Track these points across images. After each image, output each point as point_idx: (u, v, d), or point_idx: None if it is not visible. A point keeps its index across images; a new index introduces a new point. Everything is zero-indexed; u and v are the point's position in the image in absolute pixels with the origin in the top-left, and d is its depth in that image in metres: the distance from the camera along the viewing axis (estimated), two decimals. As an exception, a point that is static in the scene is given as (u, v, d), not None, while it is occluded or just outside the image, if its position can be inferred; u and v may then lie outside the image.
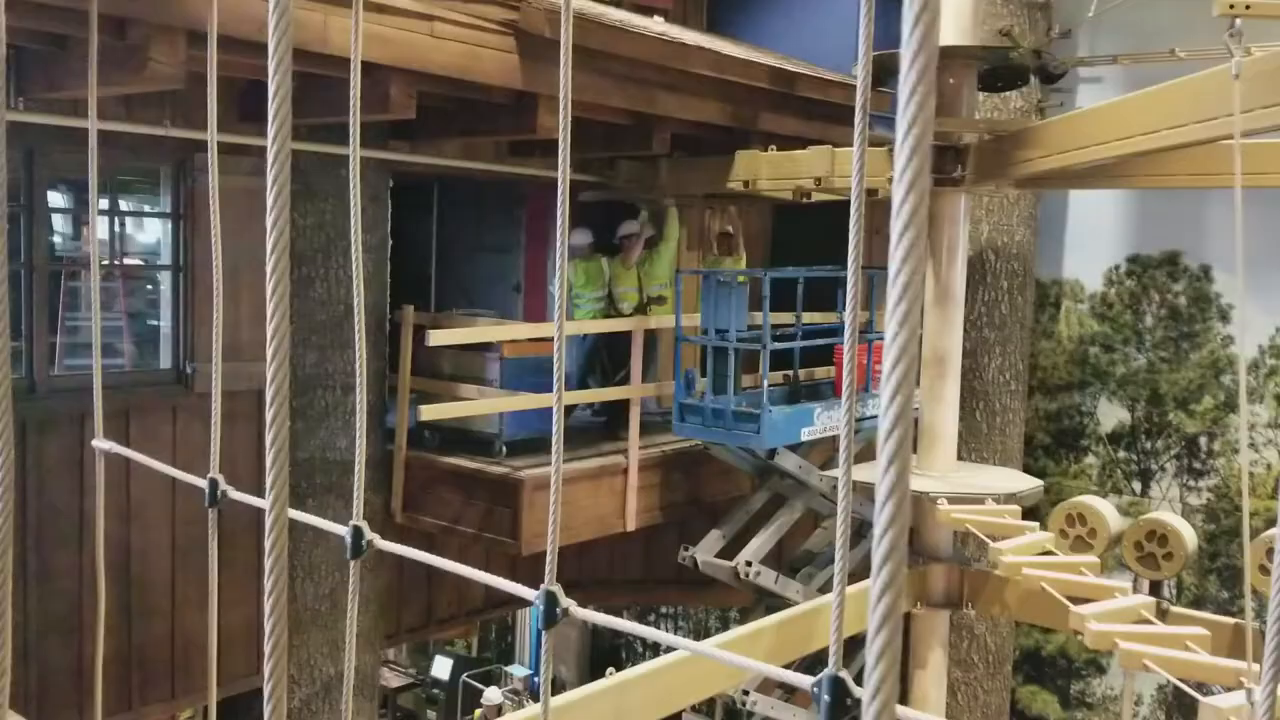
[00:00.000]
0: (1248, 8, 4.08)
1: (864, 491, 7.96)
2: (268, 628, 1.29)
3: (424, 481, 7.67)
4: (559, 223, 1.70)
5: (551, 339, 8.30)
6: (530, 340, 7.88)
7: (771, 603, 7.97)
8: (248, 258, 5.71)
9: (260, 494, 1.63)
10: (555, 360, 1.77)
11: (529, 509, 7.14)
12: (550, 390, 6.24)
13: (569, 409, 8.51)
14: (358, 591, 1.95)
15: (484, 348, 7.72)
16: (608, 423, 8.66)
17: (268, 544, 1.34)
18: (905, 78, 0.98)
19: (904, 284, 0.92)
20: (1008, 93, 8.87)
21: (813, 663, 9.06)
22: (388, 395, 7.81)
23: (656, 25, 8.20)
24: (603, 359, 9.10)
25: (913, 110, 0.93)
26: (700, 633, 12.02)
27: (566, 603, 1.73)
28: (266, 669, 1.31)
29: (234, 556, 6.41)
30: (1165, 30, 8.33)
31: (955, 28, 7.52)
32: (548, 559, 1.68)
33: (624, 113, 7.77)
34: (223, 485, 2.19)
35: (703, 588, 9.12)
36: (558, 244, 1.68)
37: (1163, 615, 6.21)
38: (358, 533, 1.92)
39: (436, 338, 7.07)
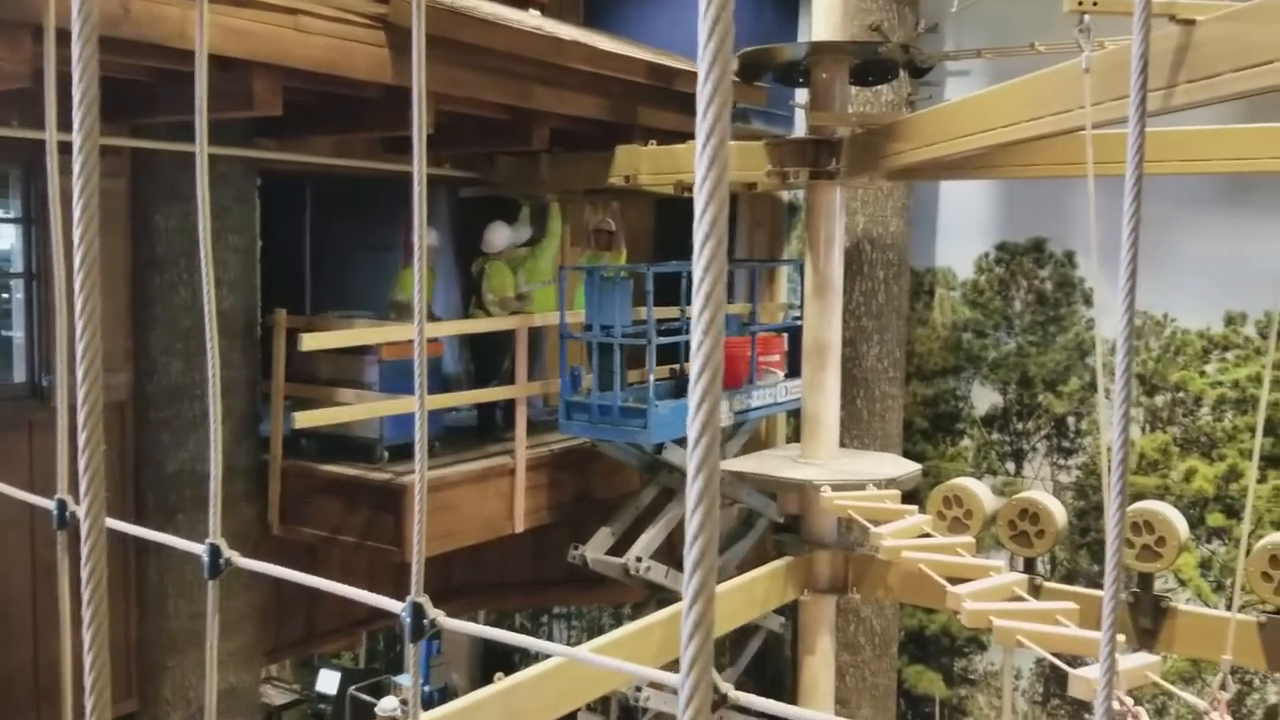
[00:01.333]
0: (1095, 4, 4.23)
1: (751, 481, 8.07)
2: (87, 662, 1.21)
3: (302, 491, 7.46)
4: (416, 220, 1.65)
5: (436, 340, 8.17)
6: (410, 341, 7.73)
7: (664, 597, 8.00)
8: (104, 263, 5.44)
9: (123, 510, 1.54)
10: (416, 363, 1.71)
11: (412, 515, 7.00)
12: (434, 392, 6.11)
13: (450, 410, 8.38)
14: (216, 613, 1.86)
15: (363, 350, 7.54)
16: (480, 425, 8.55)
17: (84, 569, 1.25)
18: (702, 87, 0.96)
19: (707, 292, 0.90)
20: (879, 87, 9.05)
21: (704, 654, 9.13)
22: (260, 402, 7.57)
23: (532, 19, 8.13)
24: (468, 360, 9.01)
25: (710, 119, 0.91)
26: (594, 631, 12.00)
27: (434, 613, 1.68)
28: (88, 706, 1.22)
29: (101, 576, 6.11)
30: (1026, 24, 8.60)
31: (827, 23, 7.64)
32: (413, 568, 1.63)
33: (501, 108, 7.69)
34: (72, 506, 2.07)
35: (595, 586, 9.11)
36: (415, 243, 1.62)
37: (1036, 591, 6.44)
38: (215, 551, 1.83)
39: (310, 341, 6.87)
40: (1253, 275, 8.43)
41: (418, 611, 1.66)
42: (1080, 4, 4.35)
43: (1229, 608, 6.51)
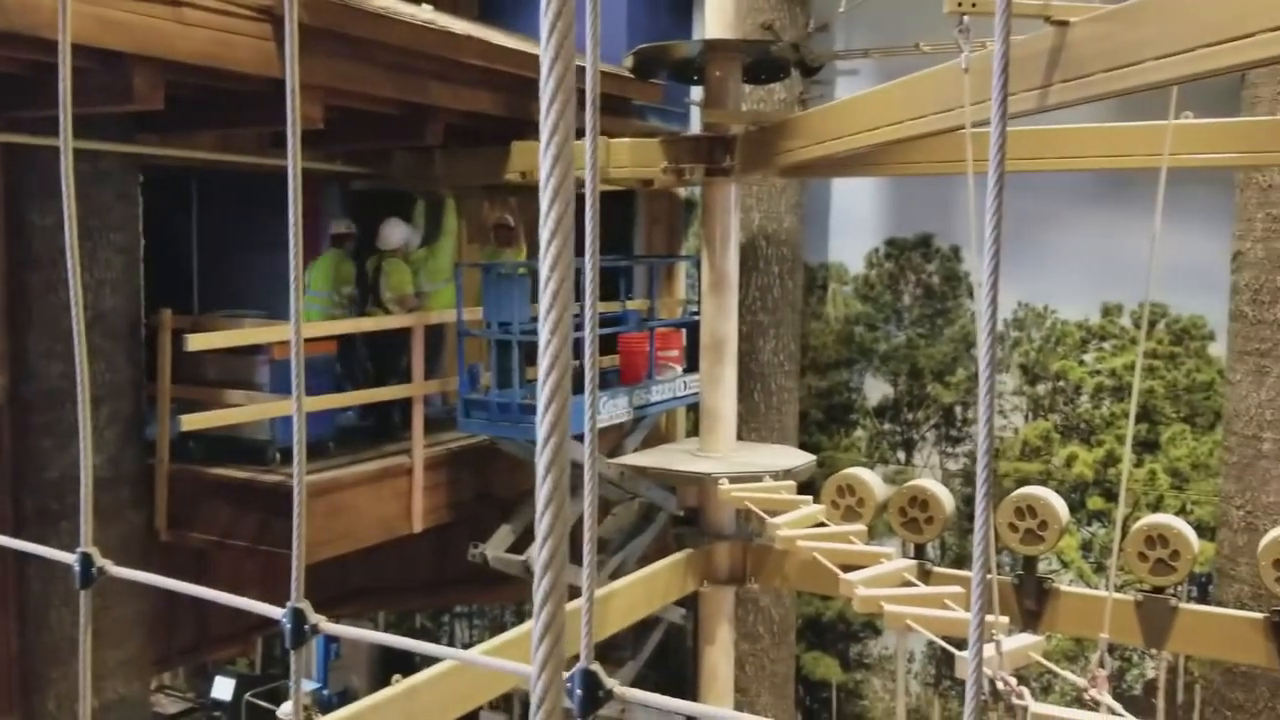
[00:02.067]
0: (974, 5, 4.37)
1: (651, 475, 8.13)
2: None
3: (191, 495, 7.25)
4: (291, 218, 1.62)
5: (329, 338, 8.01)
6: (304, 340, 7.58)
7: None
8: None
9: (1, 519, 1.48)
10: (294, 363, 1.69)
11: (308, 517, 6.84)
12: (327, 392, 6.00)
13: (344, 410, 8.23)
14: (89, 624, 1.81)
15: (253, 350, 7.36)
16: (377, 424, 8.43)
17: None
18: (545, 85, 0.98)
19: (554, 291, 0.90)
20: (771, 85, 9.19)
21: (605, 648, 9.17)
22: (147, 405, 7.34)
23: (424, 13, 8.03)
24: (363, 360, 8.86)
25: (554, 117, 0.92)
26: (496, 629, 11.94)
27: (315, 619, 1.66)
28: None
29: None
30: (912, 25, 8.84)
31: (719, 22, 7.72)
32: (293, 573, 1.60)
33: (395, 103, 7.59)
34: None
35: (496, 584, 9.05)
36: (290, 241, 1.60)
37: (926, 576, 6.62)
38: (86, 560, 1.78)
39: (196, 342, 6.69)
40: (1128, 268, 8.80)
41: (298, 617, 1.64)
42: (960, 5, 4.48)
43: (1109, 588, 6.79)
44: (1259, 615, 6.62)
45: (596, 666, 1.71)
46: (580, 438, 8.03)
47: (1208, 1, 3.52)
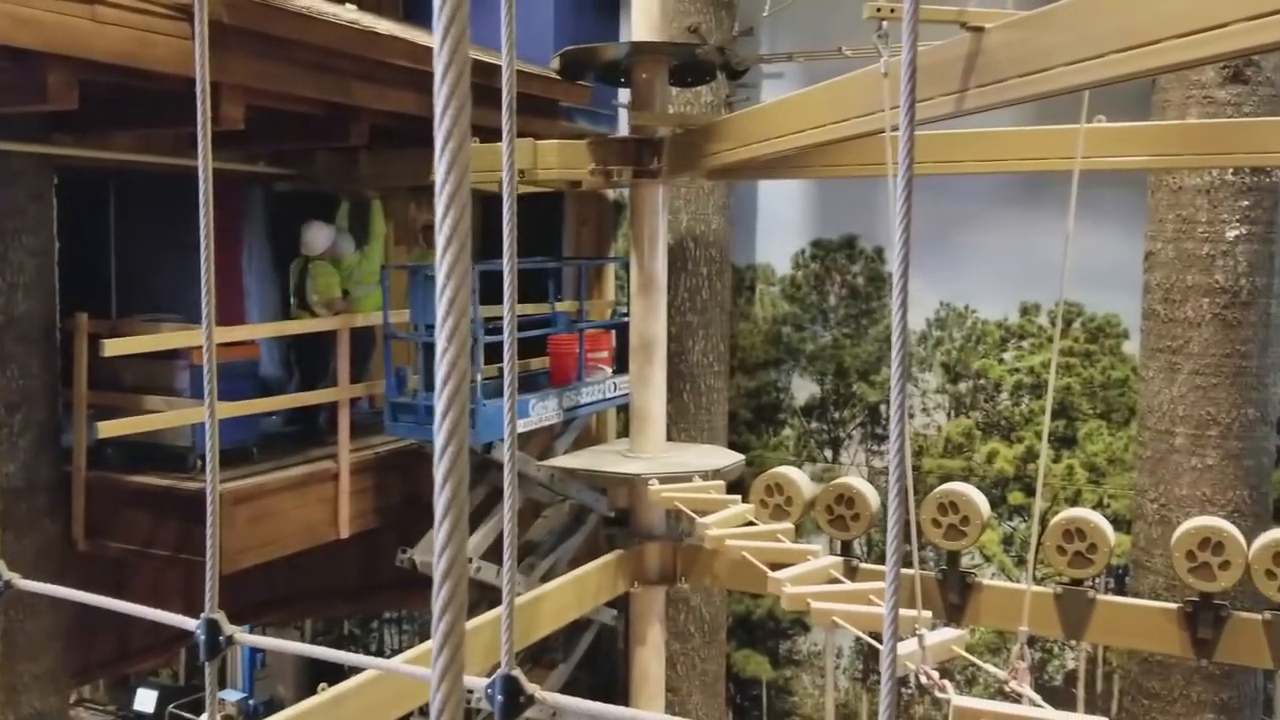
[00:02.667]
0: (892, 11, 4.45)
1: (581, 477, 8.13)
2: None
3: (109, 504, 7.08)
4: (202, 218, 1.60)
5: (250, 342, 7.87)
6: (224, 345, 7.44)
7: (496, 598, 7.96)
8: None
9: None
10: (205, 368, 1.67)
11: (230, 525, 6.76)
12: (249, 396, 5.90)
13: (270, 415, 8.11)
14: (-4, 637, 1.77)
15: (172, 355, 7.21)
16: (302, 429, 8.32)
17: None
18: (439, 89, 0.98)
19: (450, 298, 0.90)
20: (698, 88, 9.25)
21: (537, 651, 9.15)
22: (63, 412, 7.14)
23: (348, 13, 7.94)
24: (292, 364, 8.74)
25: (448, 122, 0.92)
26: (426, 634, 11.81)
27: (230, 630, 1.63)
28: None
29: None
30: (835, 29, 8.95)
31: (645, 24, 7.76)
32: (207, 583, 1.58)
33: (318, 103, 7.49)
34: None
35: (425, 589, 8.86)
36: (202, 240, 1.58)
37: (852, 573, 6.73)
38: (-9, 572, 1.74)
39: (112, 347, 6.53)
40: (1045, 268, 9.00)
41: (212, 629, 1.62)
42: (878, 10, 4.57)
43: (1029, 581, 6.95)
44: (1173, 605, 6.83)
45: (518, 672, 1.71)
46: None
47: (1116, 9, 3.63)
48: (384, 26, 8.06)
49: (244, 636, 1.64)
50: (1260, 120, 7.72)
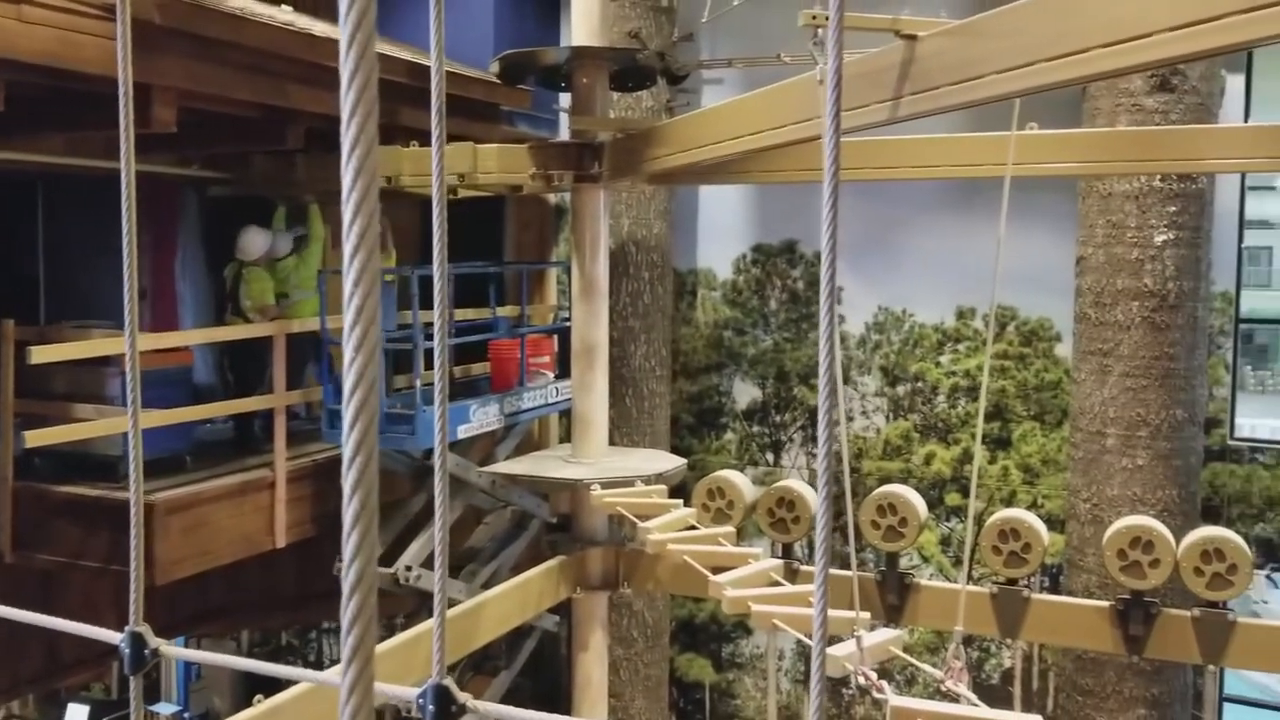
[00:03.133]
0: (827, 19, 4.48)
1: (523, 483, 8.10)
2: None
3: (38, 514, 6.90)
4: (125, 225, 1.57)
5: (184, 349, 7.70)
6: (157, 351, 7.30)
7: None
8: None
9: None
10: (129, 377, 1.63)
11: (163, 535, 6.63)
12: (183, 403, 5.77)
13: (205, 423, 7.96)
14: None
15: (103, 362, 7.05)
16: (238, 437, 8.19)
17: None
18: (345, 95, 0.97)
19: (358, 307, 0.89)
20: (639, 92, 9.27)
21: (479, 658, 9.08)
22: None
23: (283, 15, 7.84)
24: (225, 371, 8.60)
25: (355, 128, 0.91)
26: (366, 642, 11.67)
27: (156, 643, 1.60)
28: None
29: None
30: (774, 35, 8.99)
31: (585, 29, 7.76)
32: (131, 596, 1.55)
33: (253, 106, 7.39)
34: None
35: (365, 596, 8.85)
36: (124, 244, 1.54)
37: (793, 575, 6.77)
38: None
39: (40, 354, 6.38)
40: (980, 273, 9.15)
41: (137, 642, 1.58)
42: (814, 18, 4.61)
43: (968, 581, 7.05)
44: (1106, 603, 6.97)
45: (449, 681, 1.70)
46: (451, 447, 7.97)
47: (1045, 19, 3.69)
48: (320, 28, 7.96)
49: (170, 649, 1.61)
50: (1187, 128, 7.92)
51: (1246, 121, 8.68)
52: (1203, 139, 7.30)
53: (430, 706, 1.53)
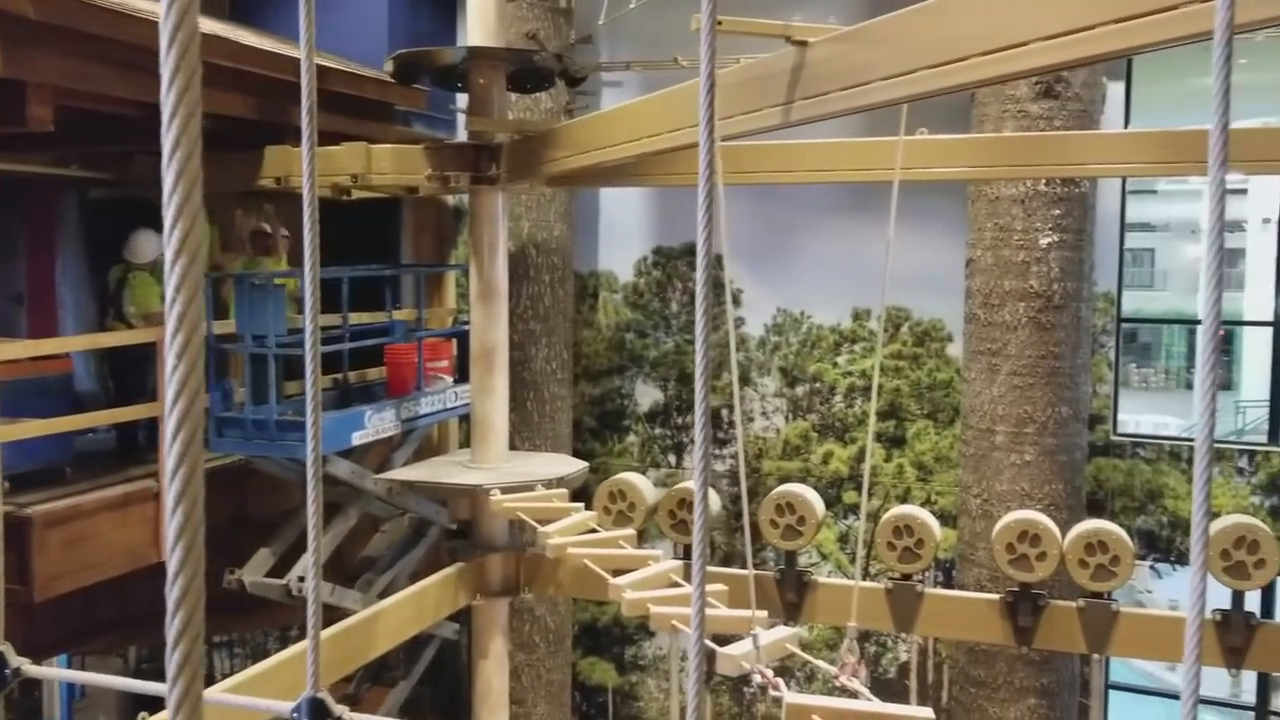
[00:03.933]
0: (719, 24, 4.51)
1: (421, 489, 7.97)
2: None
3: (-98, 531, 6.55)
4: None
5: (64, 355, 7.40)
6: (33, 359, 7.00)
7: (336, 616, 7.73)
8: None
9: None
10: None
11: (41, 550, 6.36)
12: (63, 412, 5.52)
13: (86, 433, 7.67)
14: None
15: (-28, 370, 6.73)
16: (120, 447, 7.91)
17: None
18: (166, 96, 0.93)
19: (180, 314, 0.86)
20: (538, 94, 9.22)
21: (377, 669, 8.92)
22: None
23: (166, 11, 7.59)
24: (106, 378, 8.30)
25: (176, 130, 0.88)
26: (259, 656, 11.37)
27: (17, 662, 1.52)
28: None
29: None
30: (671, 39, 9.07)
31: (481, 29, 7.68)
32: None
33: (133, 104, 7.13)
34: None
35: (256, 610, 8.62)
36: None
37: (693, 577, 6.79)
38: None
39: (-97, 363, 6.07)
40: (875, 275, 9.30)
41: (-10, 662, 1.50)
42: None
43: (864, 577, 7.17)
44: (996, 596, 7.16)
45: (324, 694, 1.65)
46: (345, 454, 7.80)
47: (928, 27, 3.77)
48: (208, 26, 7.73)
49: (32, 669, 1.53)
50: (1070, 134, 8.19)
51: (1127, 127, 9.01)
52: (1085, 144, 7.56)
53: (305, 719, 1.48)
